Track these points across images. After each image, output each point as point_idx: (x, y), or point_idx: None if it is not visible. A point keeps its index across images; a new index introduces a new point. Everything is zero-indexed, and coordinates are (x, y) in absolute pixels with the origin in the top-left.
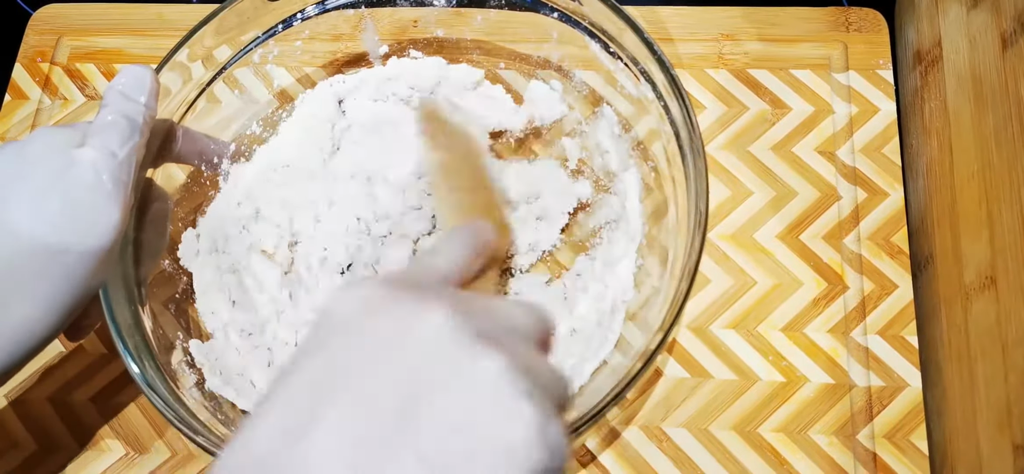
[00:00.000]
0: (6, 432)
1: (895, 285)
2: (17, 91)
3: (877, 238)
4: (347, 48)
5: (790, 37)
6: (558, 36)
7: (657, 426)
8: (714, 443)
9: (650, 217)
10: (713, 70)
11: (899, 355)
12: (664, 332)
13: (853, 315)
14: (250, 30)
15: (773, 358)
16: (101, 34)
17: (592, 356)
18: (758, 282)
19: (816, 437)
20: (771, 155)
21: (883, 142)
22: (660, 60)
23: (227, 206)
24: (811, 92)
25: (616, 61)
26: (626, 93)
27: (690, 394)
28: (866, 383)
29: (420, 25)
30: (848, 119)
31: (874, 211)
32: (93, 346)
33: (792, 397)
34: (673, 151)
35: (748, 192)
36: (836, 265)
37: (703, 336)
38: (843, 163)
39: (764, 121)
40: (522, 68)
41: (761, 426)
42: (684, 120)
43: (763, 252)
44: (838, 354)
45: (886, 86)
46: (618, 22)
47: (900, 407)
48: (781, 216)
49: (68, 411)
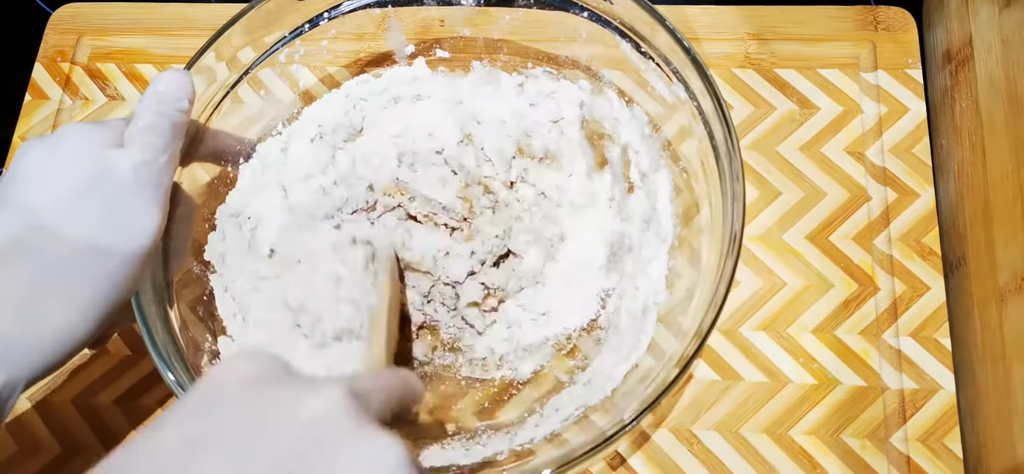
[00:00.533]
0: (30, 435)
1: (927, 286)
2: (37, 91)
3: (908, 239)
4: (371, 47)
5: (817, 36)
6: (587, 35)
7: (687, 429)
8: (745, 446)
9: (681, 217)
10: (740, 70)
11: (932, 357)
12: (701, 338)
13: (884, 317)
14: (276, 30)
15: (804, 360)
16: (121, 33)
17: (624, 359)
18: (788, 283)
19: (849, 440)
20: (799, 155)
21: (913, 142)
22: (694, 60)
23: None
24: (839, 92)
25: (647, 61)
26: (656, 93)
27: (720, 396)
28: (899, 386)
29: (446, 24)
30: (877, 119)
31: (905, 212)
32: (117, 348)
33: (824, 400)
34: (706, 151)
35: (776, 193)
36: (867, 266)
37: (733, 338)
38: (873, 163)
39: (792, 121)
40: (550, 68)
41: (793, 429)
42: (718, 119)
43: (792, 253)
44: (870, 356)
45: (915, 85)
46: (650, 21)
47: (933, 410)
48: (810, 217)
49: (92, 413)
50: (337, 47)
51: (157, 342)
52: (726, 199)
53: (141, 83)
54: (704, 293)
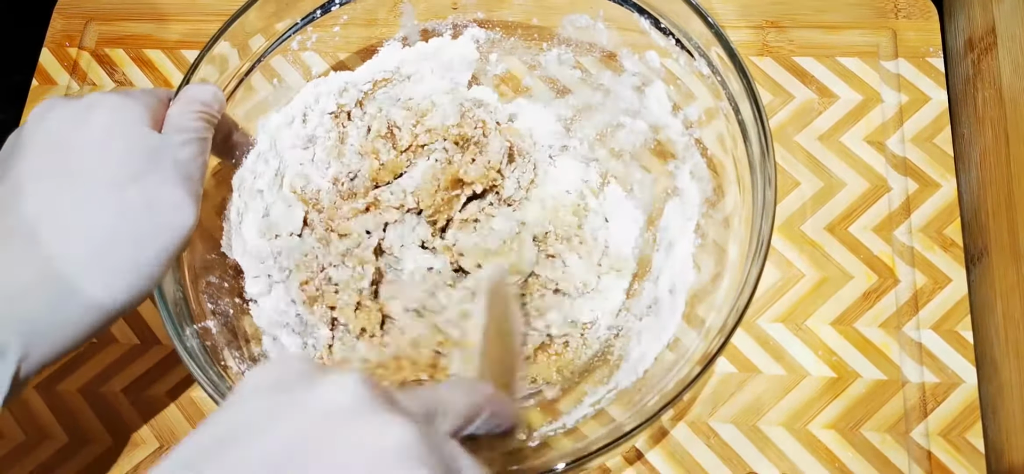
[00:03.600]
0: (37, 424)
1: (948, 278)
2: (44, 76)
3: (929, 230)
4: (383, 33)
5: (837, 24)
6: (604, 14)
7: (705, 422)
8: (763, 440)
9: (706, 199)
10: (758, 58)
11: (953, 350)
12: (725, 336)
13: (905, 309)
14: (288, 16)
15: (823, 353)
16: (130, 19)
17: (655, 339)
18: (806, 275)
19: (869, 434)
20: (818, 145)
21: (934, 132)
22: (719, 36)
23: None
24: (859, 80)
25: (668, 38)
26: (677, 70)
27: (738, 389)
28: (920, 379)
29: (460, 8)
30: (898, 108)
31: (926, 203)
32: (124, 336)
33: (843, 393)
34: (734, 131)
35: (795, 182)
36: (887, 258)
37: (751, 330)
38: (893, 153)
39: (811, 110)
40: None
41: (812, 423)
42: (746, 94)
43: (811, 244)
44: (890, 349)
45: (937, 74)
46: (685, 10)
47: (955, 404)
48: (829, 207)
49: (100, 402)
50: (349, 33)
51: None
52: (756, 205)
53: (150, 69)
54: (728, 287)
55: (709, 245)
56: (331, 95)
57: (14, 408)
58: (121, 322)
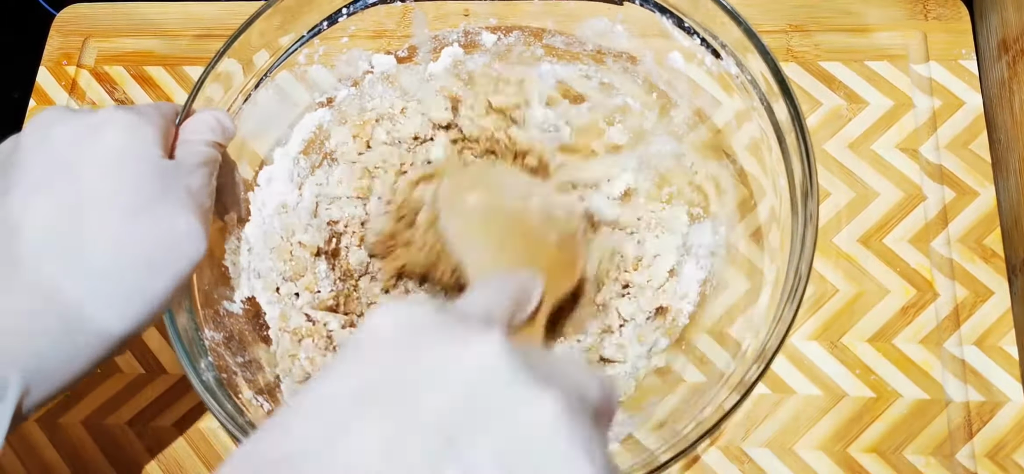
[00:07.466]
0: (39, 458)
1: (990, 291)
2: (42, 96)
3: (968, 241)
4: (391, 46)
5: (864, 27)
6: (623, 16)
7: (738, 446)
8: (800, 464)
9: (738, 206)
10: (782, 63)
11: (998, 367)
12: (764, 363)
13: (946, 324)
14: (293, 30)
15: (861, 372)
16: (130, 35)
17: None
18: (840, 290)
19: (912, 457)
20: (849, 153)
21: (970, 137)
22: (748, 30)
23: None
24: (889, 85)
25: (692, 38)
26: (704, 71)
27: (772, 411)
28: (964, 398)
29: (471, 16)
30: (931, 113)
31: (964, 212)
32: (129, 366)
33: (883, 414)
34: (767, 128)
35: (825, 193)
36: (925, 270)
37: (784, 349)
38: (927, 160)
39: (839, 117)
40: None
41: (851, 446)
42: (782, 94)
43: (844, 257)
44: (931, 367)
45: (970, 77)
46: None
47: (1001, 423)
48: (862, 218)
49: (105, 435)
50: (358, 45)
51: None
52: (795, 241)
53: (151, 86)
54: (765, 311)
55: (739, 258)
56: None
57: (15, 442)
58: (125, 351)
